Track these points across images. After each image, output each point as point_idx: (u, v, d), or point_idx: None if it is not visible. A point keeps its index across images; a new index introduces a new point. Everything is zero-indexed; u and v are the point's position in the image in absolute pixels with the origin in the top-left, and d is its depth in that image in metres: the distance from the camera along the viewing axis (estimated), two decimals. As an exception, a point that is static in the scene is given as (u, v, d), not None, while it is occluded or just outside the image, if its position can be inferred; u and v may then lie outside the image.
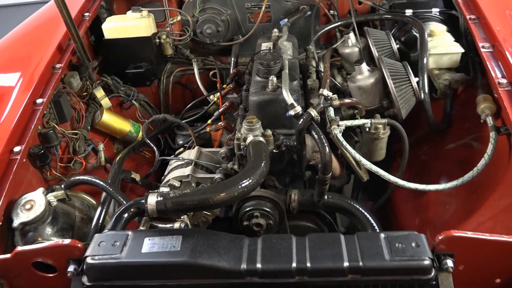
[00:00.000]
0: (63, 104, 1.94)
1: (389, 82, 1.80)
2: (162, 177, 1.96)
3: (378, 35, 2.16)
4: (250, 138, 1.64)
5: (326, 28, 2.38)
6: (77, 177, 1.54)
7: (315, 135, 1.63)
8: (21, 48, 2.17)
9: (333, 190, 2.03)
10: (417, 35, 2.10)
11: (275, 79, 1.79)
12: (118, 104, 2.48)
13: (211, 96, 2.39)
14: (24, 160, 1.64)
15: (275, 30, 2.25)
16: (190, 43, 2.67)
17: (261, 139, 1.64)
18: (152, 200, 1.33)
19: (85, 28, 2.36)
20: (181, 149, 2.10)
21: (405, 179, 1.75)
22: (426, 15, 2.32)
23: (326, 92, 1.72)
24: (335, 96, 1.71)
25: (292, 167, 1.83)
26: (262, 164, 1.50)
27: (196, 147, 1.98)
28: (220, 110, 2.07)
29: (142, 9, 2.43)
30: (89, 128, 2.12)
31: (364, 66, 1.86)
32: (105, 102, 2.24)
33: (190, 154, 1.95)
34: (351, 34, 2.18)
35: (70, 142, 1.98)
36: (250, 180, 1.42)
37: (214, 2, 2.57)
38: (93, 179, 1.52)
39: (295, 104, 1.68)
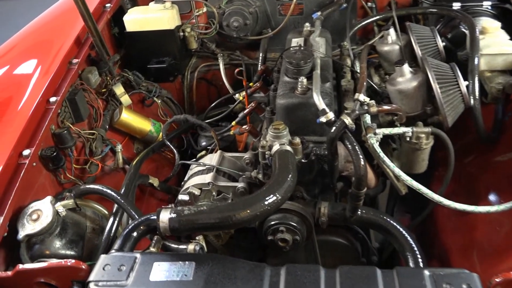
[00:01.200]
0: (79, 102, 1.82)
1: (435, 86, 1.60)
2: (182, 183, 1.83)
3: (422, 32, 1.94)
4: (276, 146, 1.48)
5: (364, 23, 2.18)
6: (87, 186, 1.42)
7: (349, 146, 1.47)
8: (36, 42, 2.07)
9: (366, 199, 1.85)
10: (467, 32, 1.88)
11: (305, 80, 1.62)
12: (139, 100, 2.35)
13: (237, 95, 2.23)
14: (34, 164, 1.54)
15: (307, 24, 2.06)
16: (216, 37, 2.52)
17: (288, 148, 1.48)
18: (164, 217, 1.20)
19: (106, 20, 2.24)
20: (203, 152, 1.96)
21: (449, 193, 1.57)
22: (477, 9, 2.09)
23: (362, 97, 1.53)
24: (373, 102, 1.52)
25: (322, 178, 1.67)
26: (289, 178, 1.34)
27: (219, 152, 1.83)
28: (245, 112, 1.91)
29: (166, 0, 2.29)
30: (107, 127, 2.01)
31: (406, 68, 1.66)
32: (125, 99, 2.11)
33: (212, 159, 1.81)
34: (391, 30, 1.97)
35: (87, 143, 1.87)
36: (275, 198, 1.27)
37: (242, -8, 2.40)
38: (104, 189, 1.40)
39: (327, 110, 1.51)
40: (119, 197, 1.38)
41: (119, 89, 2.09)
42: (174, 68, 2.36)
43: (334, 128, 1.48)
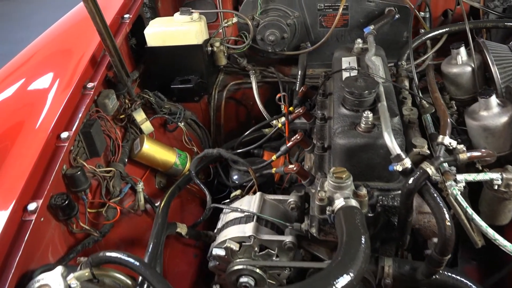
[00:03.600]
0: (94, 136, 1.55)
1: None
2: (215, 231, 1.55)
3: (500, 51, 1.64)
4: (339, 201, 1.19)
5: (425, 38, 1.87)
6: (106, 254, 1.14)
7: (432, 202, 1.18)
8: (47, 59, 1.79)
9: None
10: (551, 50, 1.57)
11: (371, 115, 1.32)
12: (161, 124, 2.07)
13: (274, 121, 1.94)
14: (42, 219, 1.26)
15: (359, 40, 1.77)
16: (247, 50, 2.23)
17: (355, 203, 1.19)
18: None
19: (124, 34, 1.96)
20: (238, 192, 1.67)
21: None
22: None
23: (448, 139, 1.23)
24: (462, 147, 1.22)
25: (387, 232, 1.38)
26: (362, 248, 1.05)
27: (258, 194, 1.55)
28: (288, 145, 1.62)
29: (193, 11, 2.00)
30: (126, 160, 1.72)
31: (494, 100, 1.36)
32: (146, 126, 1.83)
33: (251, 203, 1.53)
34: (462, 49, 1.67)
35: (103, 182, 1.59)
36: (348, 278, 0.98)
37: (279, 2, 2.10)
38: (126, 258, 1.12)
39: (403, 155, 1.22)
40: (143, 268, 1.10)
41: (140, 116, 1.81)
42: (201, 88, 2.08)
43: (412, 179, 1.19)
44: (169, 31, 1.98)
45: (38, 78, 1.70)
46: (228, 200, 1.66)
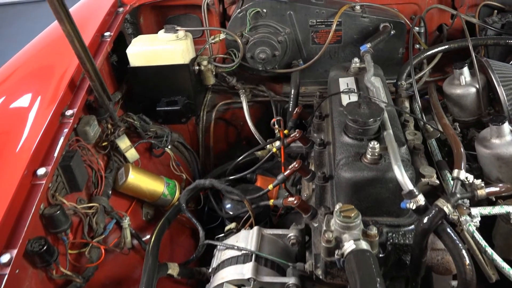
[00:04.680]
0: (75, 169, 1.41)
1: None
2: (210, 270, 1.43)
3: (505, 70, 1.57)
4: (349, 244, 1.09)
5: (423, 55, 1.79)
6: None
7: (450, 244, 1.10)
8: (18, 87, 1.64)
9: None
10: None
11: (377, 146, 1.22)
12: (146, 149, 1.94)
13: (268, 145, 1.83)
14: (18, 271, 1.12)
15: (356, 60, 1.68)
16: (236, 68, 2.11)
17: (366, 246, 1.09)
18: None
19: (105, 54, 1.83)
20: (232, 225, 1.56)
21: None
22: None
23: (463, 174, 1.14)
24: (480, 182, 1.13)
25: (398, 271, 1.28)
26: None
27: (256, 230, 1.43)
28: (285, 174, 1.50)
29: (178, 28, 1.88)
30: (110, 193, 1.59)
31: (507, 127, 1.28)
32: (131, 154, 1.70)
33: (248, 239, 1.41)
34: (465, 69, 1.59)
35: (85, 219, 1.46)
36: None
37: (269, 18, 2.00)
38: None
39: (416, 192, 1.12)
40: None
41: (124, 143, 1.68)
42: (189, 109, 1.95)
43: (427, 218, 1.09)
44: (153, 50, 1.86)
45: (11, 105, 1.56)
46: (222, 235, 1.54)
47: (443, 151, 1.53)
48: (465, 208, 1.22)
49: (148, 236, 1.69)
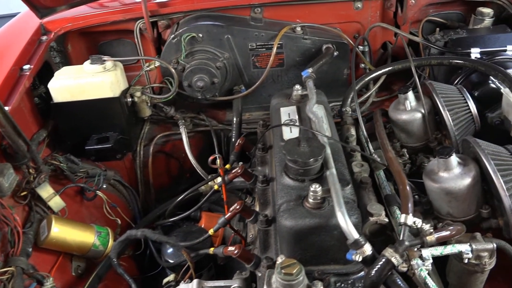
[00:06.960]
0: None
1: (499, 182, 1.14)
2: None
3: (449, 93, 1.51)
4: (292, 307, 0.96)
5: (368, 78, 1.72)
6: None
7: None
8: None
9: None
10: (501, 89, 1.46)
11: (319, 189, 1.12)
12: (77, 192, 1.76)
13: (210, 182, 1.70)
14: None
15: (297, 87, 1.58)
16: (175, 96, 1.96)
17: (311, 306, 0.97)
18: None
19: (24, 89, 1.65)
20: (171, 277, 1.41)
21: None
22: (503, 57, 1.68)
23: (411, 219, 1.05)
24: (429, 227, 1.04)
25: (349, 321, 1.16)
26: None
27: (195, 284, 1.29)
28: (226, 217, 1.37)
29: (105, 58, 1.73)
30: (30, 251, 1.40)
31: (454, 160, 1.20)
32: (55, 202, 1.52)
33: (188, 293, 1.27)
34: (410, 93, 1.52)
35: (-1, 286, 1.27)
36: None
37: (206, 43, 1.87)
38: None
39: (362, 241, 1.02)
40: None
41: (46, 191, 1.50)
42: (123, 145, 1.79)
43: (374, 270, 0.99)
44: (78, 84, 1.69)
45: None
46: (161, 289, 1.39)
47: (392, 179, 1.45)
48: (415, 249, 1.13)
49: (78, 295, 1.52)
